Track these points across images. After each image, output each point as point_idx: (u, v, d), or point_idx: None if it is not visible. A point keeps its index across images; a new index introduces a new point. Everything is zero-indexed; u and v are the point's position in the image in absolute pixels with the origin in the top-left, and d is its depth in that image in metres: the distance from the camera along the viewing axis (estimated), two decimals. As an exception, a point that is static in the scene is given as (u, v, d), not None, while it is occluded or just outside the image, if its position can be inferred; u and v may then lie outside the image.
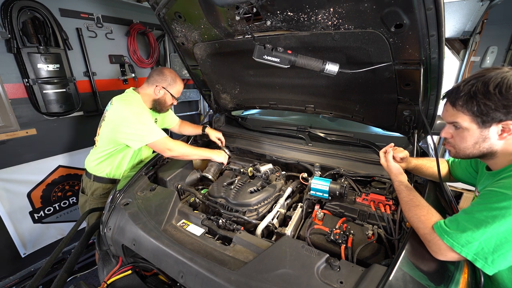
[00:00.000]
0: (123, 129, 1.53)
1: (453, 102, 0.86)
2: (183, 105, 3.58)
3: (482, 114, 0.79)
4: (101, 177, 1.72)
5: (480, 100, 0.78)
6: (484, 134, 0.82)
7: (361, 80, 1.37)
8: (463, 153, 0.90)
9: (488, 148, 0.84)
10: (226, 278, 0.91)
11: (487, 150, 0.85)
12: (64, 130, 2.30)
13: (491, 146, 0.84)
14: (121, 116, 1.54)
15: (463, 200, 2.86)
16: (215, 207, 1.37)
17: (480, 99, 0.78)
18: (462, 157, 0.92)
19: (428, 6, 0.90)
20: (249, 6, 1.13)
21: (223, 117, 2.33)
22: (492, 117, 0.78)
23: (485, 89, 0.77)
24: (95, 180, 1.72)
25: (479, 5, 2.16)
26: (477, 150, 0.86)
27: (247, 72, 1.76)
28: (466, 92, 0.81)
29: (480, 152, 0.86)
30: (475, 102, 0.79)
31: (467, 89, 0.81)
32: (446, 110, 0.90)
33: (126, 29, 2.65)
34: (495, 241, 0.72)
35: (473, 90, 0.79)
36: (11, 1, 1.81)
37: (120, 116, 1.55)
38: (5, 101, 1.89)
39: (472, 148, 0.86)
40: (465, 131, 0.85)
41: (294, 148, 1.80)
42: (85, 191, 1.77)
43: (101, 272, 1.38)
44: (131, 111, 1.55)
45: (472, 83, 0.80)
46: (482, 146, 0.84)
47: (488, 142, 0.83)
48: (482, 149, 0.85)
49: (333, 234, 1.07)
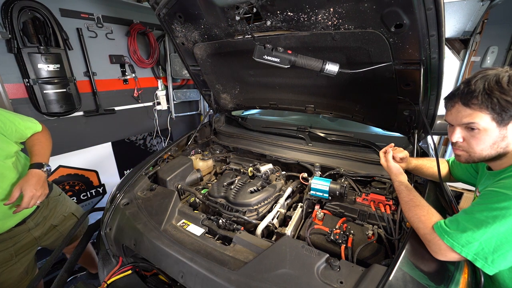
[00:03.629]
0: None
1: (466, 102, 0.80)
2: (183, 105, 3.58)
3: (503, 110, 0.75)
4: None
5: (499, 97, 0.74)
6: (503, 133, 0.78)
7: (361, 80, 1.37)
8: (479, 156, 0.84)
9: (504, 147, 0.80)
10: (226, 278, 0.91)
11: (503, 150, 0.81)
12: (64, 130, 2.31)
13: (507, 145, 0.80)
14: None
15: (463, 200, 2.86)
16: (215, 207, 1.37)
17: (498, 96, 0.74)
18: (477, 161, 0.86)
19: (428, 6, 0.90)
20: (249, 6, 1.13)
21: (223, 117, 2.33)
22: (510, 114, 0.75)
23: (499, 85, 0.75)
24: None
25: (479, 5, 2.16)
26: (495, 150, 0.81)
27: (247, 72, 1.76)
28: (482, 89, 0.76)
29: (496, 153, 0.82)
30: (495, 99, 0.75)
31: (481, 86, 0.76)
32: (458, 111, 0.83)
33: (126, 29, 2.65)
34: (495, 241, 0.72)
35: (488, 88, 0.76)
36: (12, 1, 1.81)
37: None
38: (6, 101, 1.89)
39: (489, 150, 0.81)
40: (482, 132, 0.79)
41: (294, 148, 1.80)
42: None
43: (101, 272, 1.38)
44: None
45: (482, 81, 0.77)
46: (500, 146, 0.80)
47: (506, 141, 0.79)
48: (499, 149, 0.81)
49: (333, 234, 1.07)
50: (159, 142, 3.34)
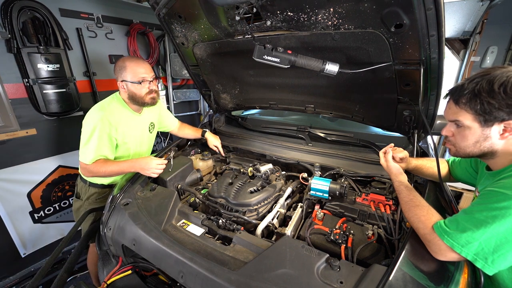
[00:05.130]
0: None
1: (456, 100, 0.85)
2: (183, 105, 3.58)
3: (485, 112, 0.79)
4: (97, 184, 1.68)
5: (484, 99, 0.77)
6: (485, 133, 0.82)
7: (361, 80, 1.37)
8: (463, 152, 0.89)
9: (489, 147, 0.84)
10: (226, 278, 0.91)
11: (487, 149, 0.84)
12: (64, 130, 2.30)
13: (492, 146, 0.83)
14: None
15: (463, 200, 2.86)
16: (215, 207, 1.36)
17: (484, 98, 0.77)
18: (462, 156, 0.92)
19: (428, 6, 0.90)
20: (249, 6, 1.13)
21: (223, 117, 2.33)
22: (494, 116, 0.78)
23: (489, 87, 0.77)
24: (91, 186, 1.68)
25: (479, 5, 2.16)
26: (478, 149, 0.85)
27: (247, 72, 1.76)
28: (471, 90, 0.80)
29: (480, 151, 0.86)
30: (478, 100, 0.78)
31: (472, 87, 0.80)
32: (449, 108, 0.89)
33: (126, 29, 2.65)
34: (495, 241, 0.72)
35: (477, 88, 0.79)
36: (11, 1, 1.81)
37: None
38: (5, 101, 1.89)
39: (472, 147, 0.86)
40: (466, 129, 0.84)
41: (294, 148, 1.80)
42: (80, 196, 1.72)
43: (101, 272, 1.38)
44: (86, 122, 1.48)
45: (477, 81, 0.80)
46: (483, 145, 0.84)
47: (489, 142, 0.83)
48: (483, 148, 0.85)
49: (333, 234, 1.06)
50: (159, 142, 3.33)
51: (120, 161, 1.51)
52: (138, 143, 1.71)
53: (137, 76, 1.48)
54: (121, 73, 1.49)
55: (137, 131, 1.67)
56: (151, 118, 1.77)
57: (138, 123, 1.67)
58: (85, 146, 1.45)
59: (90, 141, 1.44)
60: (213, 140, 1.95)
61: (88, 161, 1.45)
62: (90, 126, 1.44)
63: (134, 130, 1.64)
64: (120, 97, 1.59)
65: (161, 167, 1.49)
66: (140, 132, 1.69)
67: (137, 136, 1.68)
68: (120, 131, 1.54)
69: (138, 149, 1.72)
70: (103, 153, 1.48)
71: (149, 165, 1.45)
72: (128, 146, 1.63)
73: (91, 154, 1.44)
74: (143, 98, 1.54)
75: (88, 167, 1.46)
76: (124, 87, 1.52)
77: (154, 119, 1.80)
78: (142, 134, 1.72)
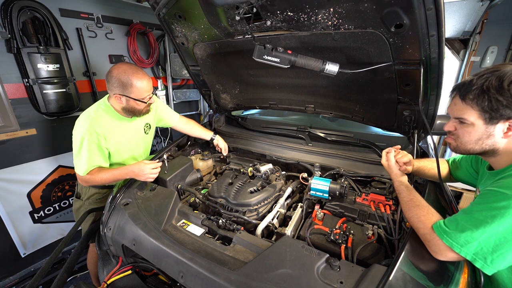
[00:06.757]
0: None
1: (463, 96, 0.83)
2: (183, 105, 3.58)
3: (492, 110, 0.77)
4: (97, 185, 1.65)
5: (492, 95, 0.76)
6: (489, 130, 0.81)
7: (361, 80, 1.37)
8: (464, 148, 0.88)
9: (490, 145, 0.83)
10: (226, 278, 0.91)
11: (489, 147, 0.83)
12: (64, 130, 2.30)
13: (494, 144, 0.83)
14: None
15: (463, 200, 2.86)
16: (215, 207, 1.37)
17: (493, 94, 0.76)
18: (462, 152, 0.90)
19: (428, 6, 0.90)
20: (249, 6, 1.13)
21: (223, 117, 2.33)
22: (501, 113, 0.77)
23: (499, 84, 0.75)
24: (91, 186, 1.66)
25: (479, 5, 2.16)
26: (479, 146, 0.85)
27: (247, 72, 1.76)
28: (479, 86, 0.78)
29: (481, 149, 0.85)
30: (486, 97, 0.77)
31: (481, 83, 0.78)
32: (454, 104, 0.87)
33: (126, 29, 2.65)
34: (494, 241, 0.72)
35: (486, 85, 0.77)
36: (11, 1, 1.81)
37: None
38: (5, 101, 1.89)
39: (474, 144, 0.85)
40: (470, 126, 0.83)
41: (294, 148, 1.80)
42: (80, 196, 1.71)
43: (101, 272, 1.38)
44: (75, 133, 1.45)
45: (486, 77, 0.78)
46: (485, 143, 0.83)
47: (492, 140, 0.82)
48: (485, 146, 0.84)
49: (333, 234, 1.07)
50: (159, 142, 3.33)
51: (114, 169, 1.47)
52: (133, 147, 1.66)
53: (143, 95, 1.44)
54: (125, 88, 1.39)
55: (130, 137, 1.61)
56: (145, 119, 1.69)
57: (130, 129, 1.60)
58: (77, 157, 1.43)
59: (81, 153, 1.41)
60: (223, 143, 1.93)
61: (82, 173, 1.42)
62: (79, 138, 1.41)
63: (126, 136, 1.58)
64: (108, 105, 1.50)
65: (156, 171, 1.47)
66: (133, 137, 1.64)
67: (131, 142, 1.62)
68: (110, 140, 1.49)
69: (132, 153, 1.67)
70: (95, 163, 1.44)
71: (143, 171, 1.43)
72: (122, 153, 1.59)
73: (84, 165, 1.41)
74: (141, 111, 1.50)
75: (83, 178, 1.44)
76: (120, 100, 1.43)
77: (149, 119, 1.72)
78: (137, 138, 1.66)
